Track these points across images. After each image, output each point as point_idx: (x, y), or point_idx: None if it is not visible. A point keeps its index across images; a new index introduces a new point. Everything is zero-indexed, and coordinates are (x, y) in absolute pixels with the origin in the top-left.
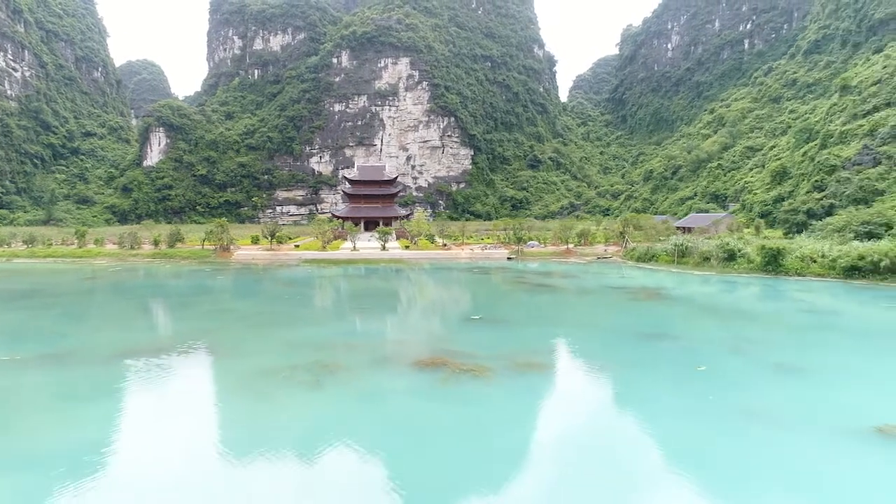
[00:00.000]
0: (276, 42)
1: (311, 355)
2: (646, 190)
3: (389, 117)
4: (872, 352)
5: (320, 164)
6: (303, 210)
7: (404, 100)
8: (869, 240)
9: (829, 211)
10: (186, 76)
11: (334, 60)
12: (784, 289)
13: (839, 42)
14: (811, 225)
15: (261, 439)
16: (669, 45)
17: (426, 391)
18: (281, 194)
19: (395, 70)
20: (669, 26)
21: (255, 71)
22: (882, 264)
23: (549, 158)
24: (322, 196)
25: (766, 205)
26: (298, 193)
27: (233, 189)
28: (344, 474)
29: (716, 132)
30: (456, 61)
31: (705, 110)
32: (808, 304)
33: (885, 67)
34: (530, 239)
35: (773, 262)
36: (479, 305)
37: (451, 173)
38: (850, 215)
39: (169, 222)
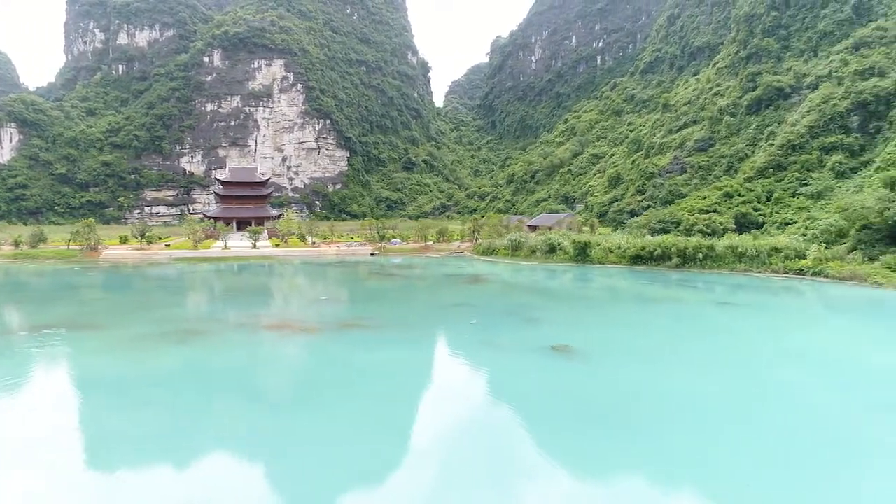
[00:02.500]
0: (143, 38)
1: (179, 326)
2: (508, 192)
3: (264, 118)
4: (598, 311)
5: (192, 164)
6: (174, 211)
7: (279, 101)
8: (663, 234)
9: (645, 211)
10: (36, 66)
11: (206, 59)
12: (581, 273)
13: (668, 64)
14: (627, 222)
15: (138, 372)
16: (533, 58)
17: (266, 342)
18: (150, 194)
19: (270, 71)
20: (533, 40)
21: (120, 66)
22: (655, 253)
23: (423, 161)
24: (194, 196)
25: (603, 206)
26: (169, 194)
27: (96, 189)
28: (195, 393)
29: (568, 140)
30: (331, 65)
31: (562, 119)
32: (586, 281)
33: (695, 90)
34: (393, 237)
35: (582, 253)
36: (330, 290)
37: (328, 174)
38: (651, 214)
39: (24, 223)
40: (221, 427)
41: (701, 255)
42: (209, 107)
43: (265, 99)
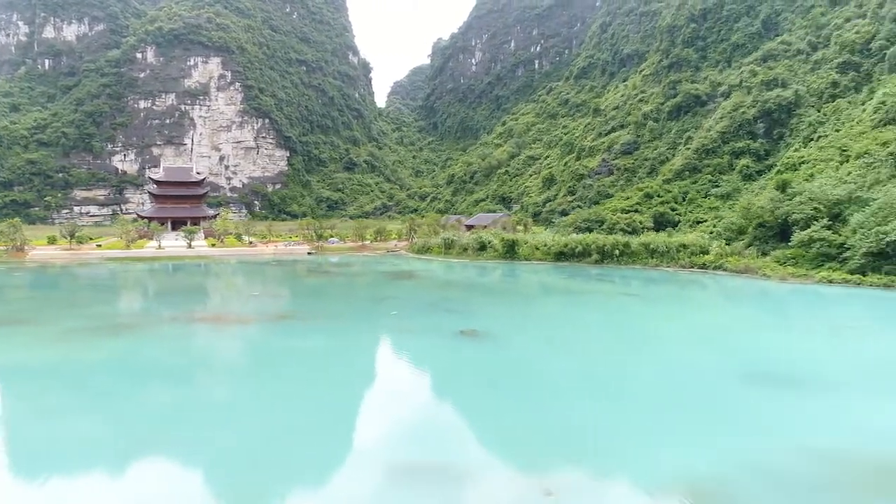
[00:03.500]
0: (71, 32)
1: (111, 321)
2: (448, 192)
3: (200, 117)
4: (513, 301)
5: (124, 162)
6: (105, 211)
7: (216, 100)
8: (588, 232)
9: (574, 211)
10: None
11: (139, 55)
12: (507, 269)
13: (600, 70)
14: (555, 221)
15: (69, 362)
16: (473, 61)
17: (199, 333)
18: (79, 194)
19: (206, 69)
20: (473, 43)
21: (46, 61)
22: (577, 250)
23: (365, 161)
24: (127, 196)
25: (538, 206)
26: (100, 193)
27: (21, 188)
28: (126, 380)
29: (506, 142)
30: (270, 63)
31: (500, 121)
32: (510, 276)
33: (622, 95)
34: (331, 236)
35: (510, 251)
36: (264, 287)
37: (267, 174)
38: (578, 214)
39: None
40: (151, 412)
41: (618, 252)
42: (143, 104)
43: (202, 97)
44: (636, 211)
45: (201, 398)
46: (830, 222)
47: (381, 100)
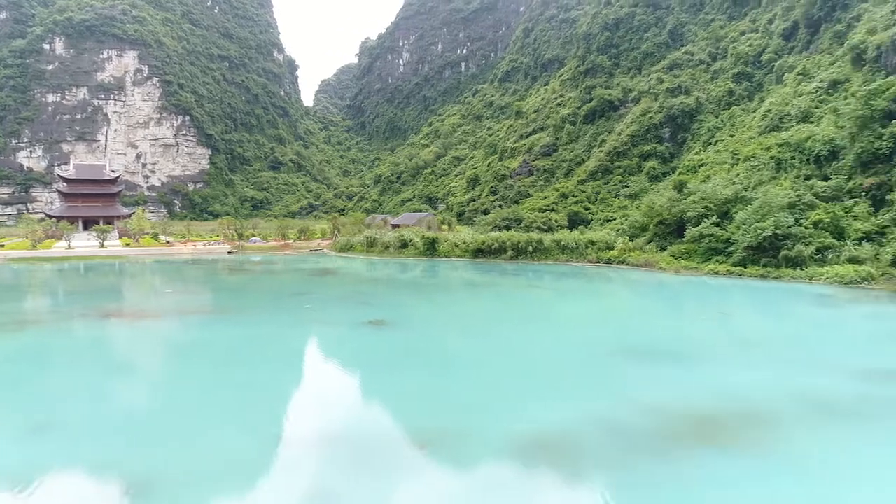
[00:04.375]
0: None
1: (15, 318)
2: (375, 192)
3: (115, 112)
4: (425, 294)
5: (31, 159)
6: (9, 210)
7: (132, 95)
8: (506, 230)
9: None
10: None
11: (46, 46)
12: (427, 265)
13: (523, 74)
14: (477, 219)
15: None
16: (401, 61)
17: (106, 327)
18: None
19: (121, 63)
20: (401, 44)
21: None
22: (494, 247)
23: (291, 160)
24: (34, 195)
25: (462, 206)
26: (3, 191)
27: None
28: (30, 371)
29: (433, 142)
30: (190, 59)
31: (427, 122)
32: (428, 272)
33: (543, 99)
34: (253, 235)
35: (431, 248)
36: (179, 285)
37: (188, 173)
38: (497, 213)
39: None
40: (54, 400)
41: (531, 249)
42: (51, 98)
43: (116, 92)
44: (552, 210)
45: (106, 385)
46: (719, 220)
47: (308, 98)
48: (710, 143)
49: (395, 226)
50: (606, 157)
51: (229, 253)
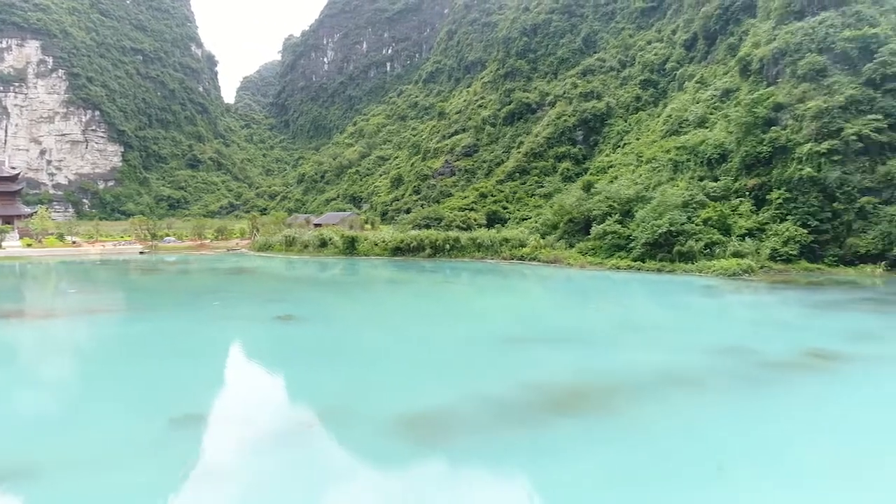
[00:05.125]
0: None
1: None
2: (299, 191)
3: (16, 105)
4: (337, 291)
5: None
6: None
7: (35, 87)
8: (427, 229)
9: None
10: None
11: None
12: (346, 264)
13: (447, 76)
14: (398, 218)
15: None
16: (326, 59)
17: (5, 327)
18: None
19: (22, 53)
20: (325, 41)
21: None
22: (412, 245)
23: (210, 159)
24: None
25: (386, 205)
26: None
27: None
28: None
29: (357, 142)
30: (100, 51)
31: (353, 122)
32: (345, 270)
33: (465, 100)
34: (167, 235)
35: (350, 247)
36: (84, 285)
37: (98, 170)
38: (418, 212)
39: None
40: None
41: (448, 247)
42: None
43: (17, 84)
44: (472, 209)
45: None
46: (622, 218)
47: (229, 95)
48: (619, 146)
49: (317, 225)
50: (524, 158)
51: (141, 253)
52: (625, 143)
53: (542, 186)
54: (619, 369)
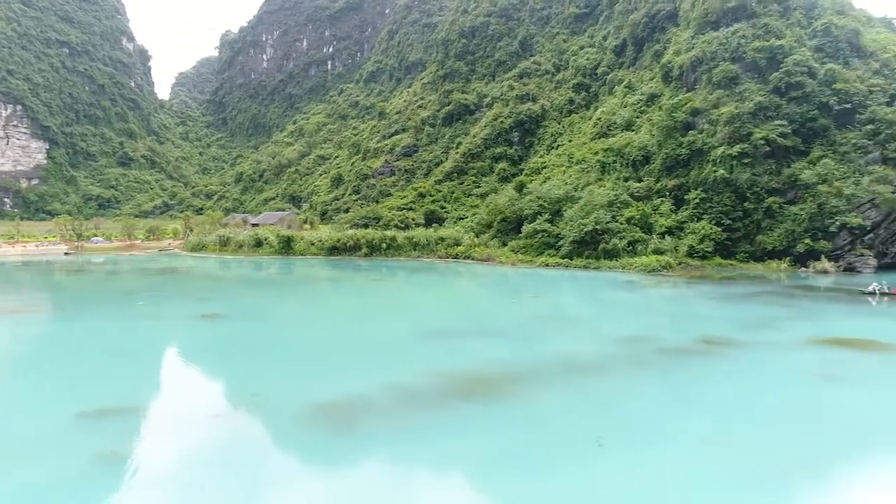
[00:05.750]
0: None
1: None
2: (237, 191)
3: None
4: (266, 290)
5: None
6: None
7: None
8: (365, 228)
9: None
10: None
11: None
12: (281, 263)
13: (388, 75)
14: (336, 218)
15: None
16: (265, 56)
17: None
18: None
19: None
20: (264, 38)
21: None
22: (349, 245)
23: (143, 157)
24: None
25: (326, 205)
26: None
27: None
28: None
29: (297, 141)
30: (22, 43)
31: (293, 120)
32: (279, 269)
33: (405, 101)
34: (95, 235)
35: (286, 247)
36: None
37: (20, 168)
38: (357, 212)
39: None
40: None
41: (385, 246)
42: None
43: None
44: (410, 209)
45: None
46: (552, 217)
47: (163, 91)
48: (553, 147)
49: (255, 225)
50: (462, 159)
51: (66, 254)
52: (558, 145)
53: (478, 186)
54: (529, 359)
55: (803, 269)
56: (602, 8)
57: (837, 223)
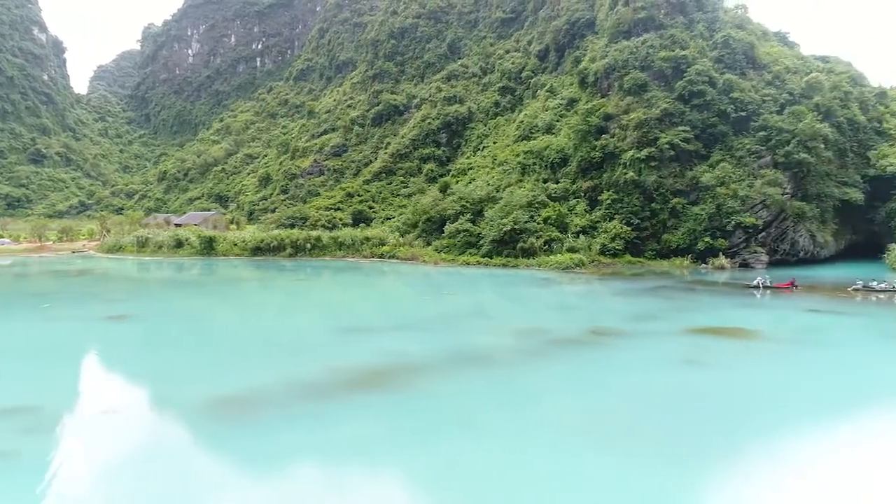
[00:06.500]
0: None
1: None
2: (160, 190)
3: None
4: (180, 290)
5: None
6: None
7: None
8: (291, 229)
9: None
10: None
11: None
12: (203, 264)
13: (318, 74)
14: (262, 217)
15: None
16: (190, 51)
17: None
18: None
19: None
20: (189, 32)
21: None
22: (273, 245)
23: (57, 154)
24: None
25: (254, 205)
26: None
27: None
28: None
29: (224, 139)
30: None
31: (219, 118)
32: (199, 270)
33: (334, 100)
34: (0, 236)
35: (208, 247)
36: None
37: None
38: (283, 212)
39: None
40: None
41: (310, 246)
42: None
43: None
44: (338, 209)
45: None
46: (473, 217)
47: (81, 85)
48: (479, 149)
49: (178, 225)
50: (390, 159)
51: None
52: (484, 147)
53: (406, 187)
54: (428, 351)
55: (704, 265)
56: (527, 14)
57: (733, 222)
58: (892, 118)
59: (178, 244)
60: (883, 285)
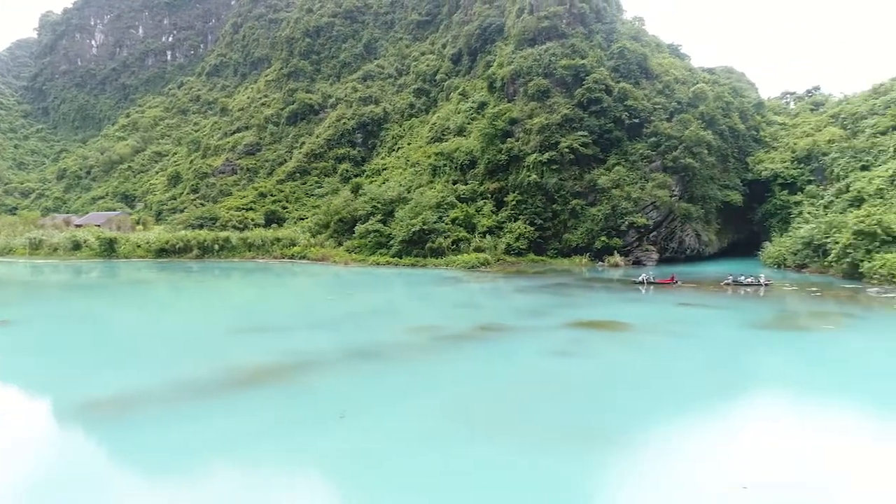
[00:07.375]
0: None
1: None
2: (59, 189)
3: None
4: (70, 294)
5: None
6: None
7: None
8: (200, 229)
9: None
10: None
11: None
12: (102, 267)
13: (232, 70)
14: (171, 218)
15: None
16: (94, 42)
17: None
18: None
19: None
20: (93, 22)
21: None
22: (178, 246)
23: None
24: None
25: (163, 204)
26: None
27: None
28: None
29: (131, 135)
30: None
31: (126, 113)
32: (93, 273)
33: (248, 98)
34: None
35: (109, 249)
36: None
37: None
38: (191, 212)
39: None
40: None
41: (218, 247)
42: None
43: None
44: (250, 209)
45: None
46: (384, 218)
47: None
48: (394, 150)
49: (78, 226)
50: (305, 159)
51: None
52: (398, 148)
53: (321, 187)
54: (323, 349)
55: (600, 263)
56: (442, 17)
57: (627, 223)
58: (768, 127)
59: (76, 246)
60: (749, 279)
